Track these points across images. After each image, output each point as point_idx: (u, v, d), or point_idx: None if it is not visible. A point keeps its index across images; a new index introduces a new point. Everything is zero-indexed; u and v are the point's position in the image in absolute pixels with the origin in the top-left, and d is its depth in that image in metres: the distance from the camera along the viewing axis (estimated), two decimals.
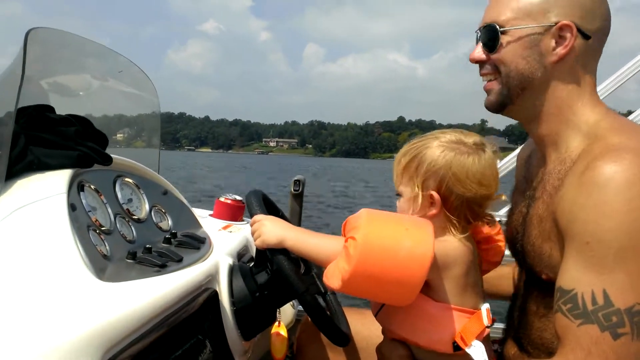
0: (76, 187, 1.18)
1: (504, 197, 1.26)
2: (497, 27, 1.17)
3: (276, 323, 1.45)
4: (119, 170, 1.43)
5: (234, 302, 1.33)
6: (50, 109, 1.34)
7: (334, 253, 1.12)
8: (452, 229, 1.15)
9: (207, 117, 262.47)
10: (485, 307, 1.16)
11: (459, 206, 1.14)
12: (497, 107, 1.24)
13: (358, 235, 1.06)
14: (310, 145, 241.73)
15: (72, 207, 1.09)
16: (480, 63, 1.25)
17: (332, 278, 1.10)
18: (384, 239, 1.06)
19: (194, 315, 1.10)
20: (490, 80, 1.23)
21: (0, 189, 1.07)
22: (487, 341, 1.23)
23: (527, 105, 1.21)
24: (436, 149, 1.15)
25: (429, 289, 1.13)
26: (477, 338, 1.11)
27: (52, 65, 1.53)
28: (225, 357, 1.23)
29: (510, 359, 1.31)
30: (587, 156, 1.07)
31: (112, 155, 1.37)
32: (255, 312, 1.35)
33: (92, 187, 1.25)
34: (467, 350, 1.10)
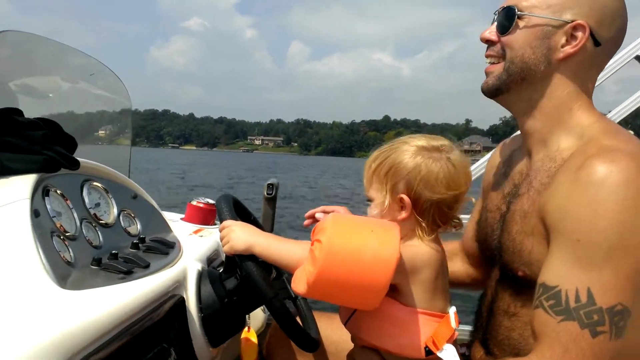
0: (41, 192, 1.16)
1: (473, 200, 1.28)
2: (516, 9, 1.19)
3: (246, 329, 1.45)
4: (87, 174, 1.41)
5: (201, 308, 1.32)
6: (19, 112, 1.33)
7: (302, 258, 1.12)
8: (421, 233, 1.16)
9: (191, 115, 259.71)
10: (452, 310, 1.17)
11: (428, 209, 1.15)
12: (493, 91, 1.25)
13: (324, 237, 1.06)
14: (296, 144, 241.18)
15: (35, 213, 1.07)
16: (489, 43, 1.26)
17: (299, 282, 1.10)
18: (349, 241, 1.06)
19: (159, 323, 1.10)
20: (492, 63, 1.25)
21: None
22: (454, 345, 1.25)
23: (524, 97, 1.23)
24: (405, 153, 1.16)
25: (398, 293, 1.14)
26: (448, 341, 1.12)
27: (22, 69, 1.51)
28: None
29: None
30: (580, 155, 1.09)
31: (80, 160, 1.36)
32: (223, 318, 1.35)
33: (58, 191, 1.24)
34: (439, 354, 1.10)
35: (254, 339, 1.46)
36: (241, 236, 1.22)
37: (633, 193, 0.99)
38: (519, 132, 1.35)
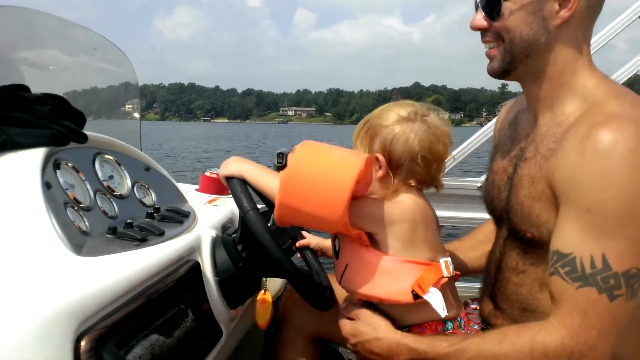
0: (52, 165, 1.18)
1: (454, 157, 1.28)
2: None
3: (262, 291, 1.47)
4: (98, 147, 1.43)
5: (217, 272, 1.35)
6: (25, 89, 1.34)
7: None
8: (396, 188, 1.22)
9: (217, 87, 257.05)
10: (444, 259, 1.22)
11: (402, 167, 1.21)
12: (500, 74, 1.22)
13: (290, 162, 1.14)
14: (330, 114, 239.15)
15: (47, 185, 1.09)
16: (482, 30, 1.22)
17: (275, 211, 1.17)
18: (314, 159, 1.15)
19: (175, 287, 1.12)
20: (492, 48, 1.21)
21: None
22: (457, 298, 1.29)
23: (530, 70, 1.20)
24: (383, 117, 1.24)
25: (378, 244, 1.21)
26: (435, 286, 1.17)
27: (26, 45, 1.52)
28: (209, 325, 1.25)
29: (486, 317, 1.34)
30: (586, 121, 1.07)
31: (90, 133, 1.38)
32: (239, 282, 1.37)
33: (70, 165, 1.25)
34: (425, 297, 1.15)
35: (269, 301, 1.48)
36: (235, 163, 1.32)
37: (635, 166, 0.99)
38: (522, 94, 1.33)
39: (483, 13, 1.19)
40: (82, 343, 0.81)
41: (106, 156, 1.43)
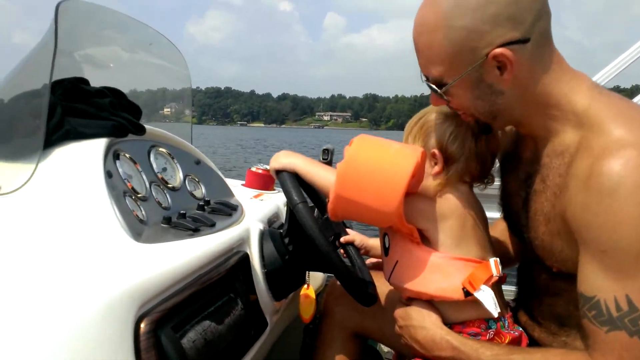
0: (112, 155, 1.23)
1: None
2: (435, 84, 1.10)
3: (305, 286, 1.50)
4: (153, 140, 1.48)
5: (264, 264, 1.38)
6: (85, 82, 1.40)
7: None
8: (451, 183, 1.22)
9: (252, 92, 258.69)
10: (494, 259, 1.20)
11: (457, 163, 1.21)
12: (482, 131, 1.21)
13: (347, 154, 1.14)
14: (365, 119, 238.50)
15: (108, 174, 1.14)
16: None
17: (329, 204, 1.17)
18: (370, 154, 1.14)
19: (225, 276, 1.15)
20: (463, 113, 1.17)
21: (39, 157, 1.12)
22: (502, 298, 1.27)
23: (506, 120, 1.16)
24: (435, 114, 1.24)
25: (429, 241, 1.21)
26: (486, 284, 1.16)
27: (85, 39, 1.58)
28: (256, 315, 1.28)
29: (523, 325, 1.32)
30: (587, 154, 1.01)
31: (145, 126, 1.43)
32: (285, 275, 1.40)
33: (128, 155, 1.30)
34: (476, 294, 1.15)
35: (312, 296, 1.50)
36: (287, 156, 1.33)
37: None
38: None
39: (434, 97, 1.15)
40: (142, 325, 0.85)
41: (160, 149, 1.48)
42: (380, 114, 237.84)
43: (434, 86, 1.10)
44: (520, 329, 1.28)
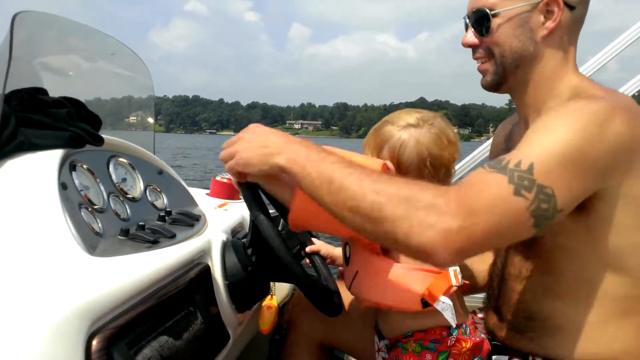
0: (68, 166, 1.20)
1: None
2: (487, 10, 1.20)
3: (269, 296, 1.48)
4: (113, 150, 1.45)
5: (226, 276, 1.36)
6: (44, 92, 1.37)
7: None
8: None
9: (221, 100, 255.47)
10: (453, 268, 1.21)
11: (413, 174, 1.23)
12: (494, 87, 1.28)
13: None
14: (336, 127, 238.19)
15: (62, 186, 1.11)
16: (473, 47, 1.28)
17: (290, 215, 1.17)
18: None
19: (185, 289, 1.13)
20: (484, 63, 1.27)
21: None
22: (464, 308, 1.30)
23: (520, 80, 1.25)
24: (392, 124, 1.26)
25: (387, 251, 1.22)
26: (445, 294, 1.16)
27: (45, 49, 1.55)
28: (217, 328, 1.26)
29: (491, 328, 1.34)
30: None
31: (105, 136, 1.40)
32: (248, 286, 1.38)
33: (85, 167, 1.28)
34: (435, 305, 1.15)
35: (275, 306, 1.49)
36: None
37: (598, 121, 1.00)
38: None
39: (473, 30, 1.25)
40: (94, 342, 0.82)
41: (120, 159, 1.46)
42: (351, 122, 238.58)
43: (483, 15, 1.20)
44: (482, 335, 1.29)
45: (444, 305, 1.16)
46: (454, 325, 1.17)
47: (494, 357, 1.28)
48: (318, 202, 1.03)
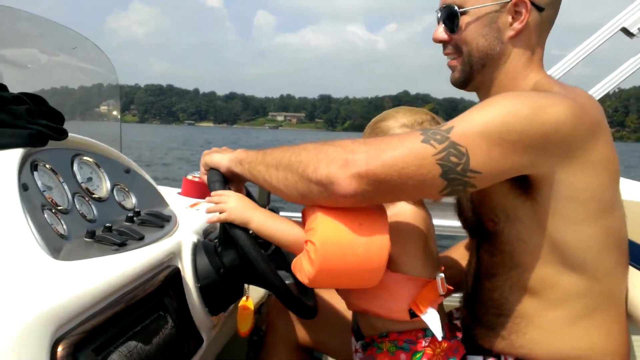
0: (29, 166, 1.15)
1: None
2: (457, 8, 1.22)
3: (244, 298, 1.45)
4: (77, 148, 1.40)
5: (198, 278, 1.32)
6: (2, 88, 1.31)
7: (296, 241, 1.14)
8: (404, 202, 1.22)
9: (197, 90, 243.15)
10: (440, 276, 1.21)
11: None
12: (461, 83, 1.30)
13: (315, 238, 1.07)
14: (321, 120, 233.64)
15: (23, 187, 1.06)
16: (443, 43, 1.30)
17: (300, 274, 1.12)
18: (340, 239, 1.07)
19: (154, 292, 1.09)
20: (453, 59, 1.29)
21: None
22: (442, 311, 1.28)
23: (486, 79, 1.27)
24: (388, 125, 1.24)
25: (389, 260, 1.15)
26: (432, 306, 1.17)
27: (4, 43, 1.48)
28: (189, 332, 1.22)
29: (466, 326, 1.36)
30: None
31: (70, 134, 1.34)
32: (221, 288, 1.34)
33: (48, 166, 1.22)
34: (422, 316, 1.16)
35: (251, 307, 1.46)
36: (238, 209, 1.19)
37: (531, 104, 1.03)
38: None
39: (444, 26, 1.26)
40: (59, 349, 0.79)
41: (85, 157, 1.40)
42: (336, 114, 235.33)
43: (452, 12, 1.22)
44: (457, 337, 1.29)
45: (431, 316, 1.16)
46: (440, 338, 1.16)
47: (468, 357, 1.28)
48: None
